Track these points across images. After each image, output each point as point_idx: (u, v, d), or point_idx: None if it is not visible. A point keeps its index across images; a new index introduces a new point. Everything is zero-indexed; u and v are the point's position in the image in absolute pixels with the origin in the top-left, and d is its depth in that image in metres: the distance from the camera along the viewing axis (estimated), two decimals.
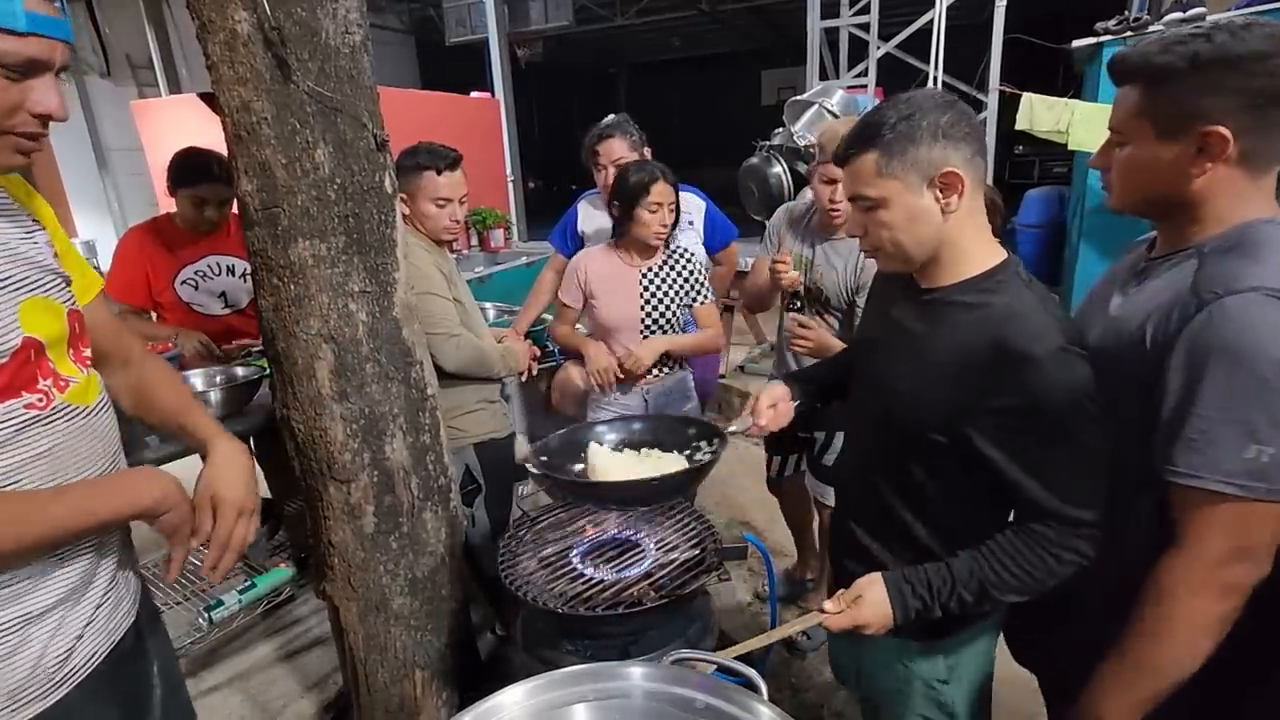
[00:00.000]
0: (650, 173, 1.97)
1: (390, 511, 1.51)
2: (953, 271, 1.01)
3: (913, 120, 0.94)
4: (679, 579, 1.33)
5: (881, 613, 1.01)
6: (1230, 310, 0.80)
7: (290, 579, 1.87)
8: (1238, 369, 0.78)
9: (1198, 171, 0.87)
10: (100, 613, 0.96)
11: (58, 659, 0.90)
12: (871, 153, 0.97)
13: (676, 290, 2.08)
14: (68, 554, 0.90)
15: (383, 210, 1.39)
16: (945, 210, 0.97)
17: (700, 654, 0.98)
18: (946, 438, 0.99)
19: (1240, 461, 0.78)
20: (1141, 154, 0.91)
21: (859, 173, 0.99)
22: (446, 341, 1.78)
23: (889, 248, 1.02)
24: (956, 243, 0.99)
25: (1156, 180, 0.91)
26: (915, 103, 0.96)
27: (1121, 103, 0.93)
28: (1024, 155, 10.91)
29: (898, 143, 0.95)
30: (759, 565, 2.59)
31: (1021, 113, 4.28)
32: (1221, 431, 0.79)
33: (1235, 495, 0.79)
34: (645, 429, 1.56)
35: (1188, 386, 0.82)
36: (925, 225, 0.98)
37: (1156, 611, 0.87)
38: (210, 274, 2.36)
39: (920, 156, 0.94)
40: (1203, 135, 0.84)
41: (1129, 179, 0.95)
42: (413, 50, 11.16)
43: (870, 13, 5.39)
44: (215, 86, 1.25)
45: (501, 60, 7.02)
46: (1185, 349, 0.83)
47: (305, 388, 1.40)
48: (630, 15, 10.50)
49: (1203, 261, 0.87)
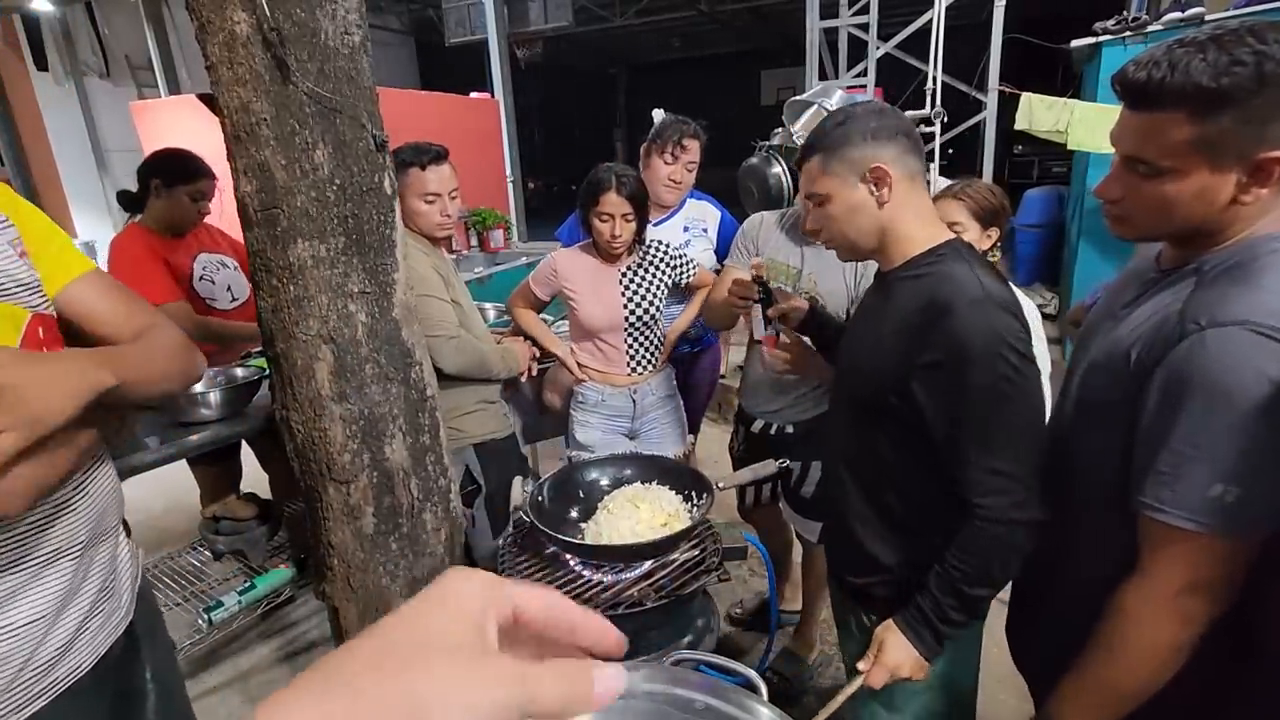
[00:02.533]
0: (603, 181, 1.87)
1: (390, 512, 1.51)
2: (900, 253, 1.13)
3: (845, 126, 1.10)
4: (679, 579, 1.33)
5: (907, 653, 1.08)
6: (1210, 345, 0.78)
7: (290, 580, 1.87)
8: (1212, 406, 0.77)
9: (1249, 199, 0.80)
10: (92, 622, 0.94)
11: (37, 671, 0.88)
12: (816, 156, 1.13)
13: (659, 283, 2.05)
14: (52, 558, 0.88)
15: (382, 211, 1.39)
16: (880, 201, 1.10)
17: (700, 654, 0.98)
18: (898, 399, 1.07)
19: (1205, 499, 0.78)
20: (1188, 187, 0.82)
21: (808, 174, 1.15)
22: (446, 344, 1.78)
23: (838, 238, 1.16)
24: (898, 229, 1.11)
25: (1197, 212, 0.84)
26: (849, 111, 1.12)
27: (1159, 132, 0.82)
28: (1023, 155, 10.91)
29: (834, 145, 1.10)
30: (759, 565, 2.59)
31: (1021, 112, 4.29)
32: (1190, 468, 0.79)
33: (1196, 531, 0.79)
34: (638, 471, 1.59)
35: (1163, 418, 0.82)
36: (864, 215, 1.11)
37: (1114, 632, 0.89)
38: (212, 269, 2.37)
39: (853, 155, 1.09)
40: (1262, 163, 0.78)
41: (1163, 212, 0.86)
42: (413, 50, 11.17)
43: (869, 13, 5.38)
44: (214, 87, 1.25)
45: (501, 61, 7.03)
46: (1164, 378, 0.82)
47: (304, 389, 1.40)
48: (630, 15, 10.50)
49: (1200, 281, 0.85)
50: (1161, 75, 0.80)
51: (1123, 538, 0.89)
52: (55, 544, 0.89)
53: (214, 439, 1.81)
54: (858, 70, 5.61)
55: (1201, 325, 0.79)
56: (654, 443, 2.12)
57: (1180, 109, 0.79)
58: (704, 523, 1.45)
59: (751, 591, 2.55)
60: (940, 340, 1.00)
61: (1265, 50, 0.75)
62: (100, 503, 0.97)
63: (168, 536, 3.04)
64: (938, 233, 1.13)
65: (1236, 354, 0.76)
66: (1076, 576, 1.02)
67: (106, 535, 0.99)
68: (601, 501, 1.49)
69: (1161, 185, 0.84)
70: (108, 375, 0.83)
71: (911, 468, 1.12)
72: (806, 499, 1.93)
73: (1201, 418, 0.78)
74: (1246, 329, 0.76)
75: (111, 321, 0.98)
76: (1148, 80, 0.81)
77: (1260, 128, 0.77)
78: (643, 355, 2.08)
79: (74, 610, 0.92)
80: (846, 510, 1.23)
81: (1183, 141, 0.80)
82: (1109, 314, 0.99)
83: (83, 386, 0.80)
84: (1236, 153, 0.79)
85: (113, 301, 0.99)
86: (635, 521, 1.40)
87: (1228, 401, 0.76)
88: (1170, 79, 0.79)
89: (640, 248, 2.04)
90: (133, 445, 1.67)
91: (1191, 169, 0.81)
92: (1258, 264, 0.81)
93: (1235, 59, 0.76)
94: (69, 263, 0.96)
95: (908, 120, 1.11)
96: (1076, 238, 4.54)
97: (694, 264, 2.14)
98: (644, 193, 1.94)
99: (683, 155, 2.28)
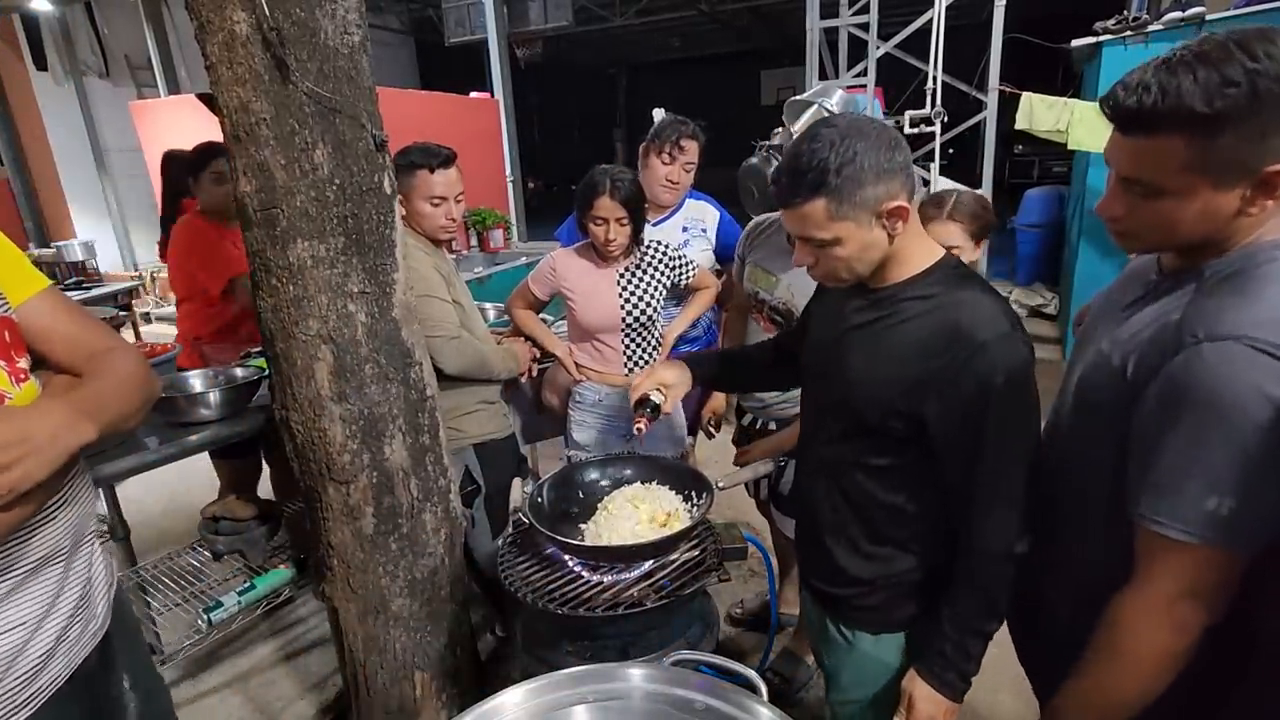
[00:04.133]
0: (597, 185, 1.87)
1: (390, 513, 1.51)
2: (899, 272, 1.08)
3: (855, 164, 0.96)
4: (679, 579, 1.33)
5: (936, 701, 1.08)
6: (1207, 360, 0.77)
7: (290, 580, 1.86)
8: (1208, 420, 0.77)
9: (1256, 211, 0.79)
10: (70, 632, 0.94)
11: (20, 680, 0.87)
12: (819, 199, 0.99)
13: (658, 284, 2.05)
14: (40, 565, 0.88)
15: (382, 211, 1.39)
16: (892, 235, 1.03)
17: (700, 655, 0.98)
18: (902, 421, 1.05)
19: (1201, 511, 0.78)
20: (1191, 206, 0.81)
21: (809, 217, 1.01)
22: (446, 344, 1.78)
23: (843, 274, 1.08)
24: (900, 253, 1.07)
25: (1201, 228, 0.83)
26: (851, 144, 0.97)
27: (1155, 156, 0.80)
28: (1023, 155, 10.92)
29: (845, 188, 0.97)
30: (759, 565, 2.59)
31: (1021, 112, 4.29)
32: (1186, 480, 0.79)
33: (1190, 542, 0.80)
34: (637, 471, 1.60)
35: (1159, 430, 0.82)
36: (876, 251, 1.05)
37: (1109, 641, 0.89)
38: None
39: (867, 196, 0.98)
40: (1268, 176, 0.76)
41: (1167, 230, 0.85)
42: (412, 50, 11.17)
43: (869, 13, 5.38)
44: (214, 87, 1.25)
45: (501, 60, 7.03)
46: (1160, 389, 0.82)
47: (304, 389, 1.40)
48: (630, 15, 10.50)
49: (1199, 289, 0.84)
50: (1153, 101, 0.77)
51: (1120, 539, 0.89)
52: (42, 551, 0.89)
53: (214, 439, 1.81)
54: (858, 70, 5.61)
55: (1199, 338, 0.79)
56: (652, 443, 2.12)
57: (1177, 134, 0.77)
58: (704, 523, 1.45)
59: (751, 591, 2.55)
60: (968, 369, 0.98)
61: (1258, 68, 0.72)
62: (82, 508, 0.97)
63: (168, 536, 3.04)
64: (932, 249, 1.09)
65: (1233, 369, 0.76)
66: (1076, 577, 1.02)
67: (85, 540, 0.99)
68: (601, 502, 1.49)
69: (1163, 204, 0.83)
70: (90, 429, 0.84)
71: (898, 483, 1.11)
72: (784, 496, 1.96)
73: (1197, 431, 0.78)
74: (1243, 343, 0.75)
75: (68, 340, 0.97)
76: (1139, 107, 0.79)
77: (1260, 144, 0.75)
78: (640, 356, 2.08)
79: (55, 617, 0.92)
80: (821, 520, 1.22)
81: (1182, 165, 0.78)
82: (1111, 313, 0.99)
83: (71, 446, 0.81)
84: (1240, 169, 0.77)
85: (69, 321, 0.98)
86: (635, 522, 1.40)
87: (1223, 416, 0.76)
88: (1162, 104, 0.77)
89: (638, 249, 2.04)
90: (133, 445, 1.67)
91: (1193, 189, 0.80)
92: (1259, 272, 0.80)
93: (1227, 79, 0.73)
94: (25, 278, 0.95)
95: (900, 136, 1.04)
96: (1076, 238, 4.54)
97: (693, 265, 2.13)
98: (640, 195, 1.94)
99: (680, 156, 2.28)
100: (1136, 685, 0.87)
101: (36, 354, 0.95)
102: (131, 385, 0.96)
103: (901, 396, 1.04)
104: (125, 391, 0.95)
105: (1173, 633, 0.83)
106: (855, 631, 1.20)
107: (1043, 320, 5.53)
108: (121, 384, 0.95)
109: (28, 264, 0.96)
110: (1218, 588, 0.81)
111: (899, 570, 1.14)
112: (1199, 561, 0.81)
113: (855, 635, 1.20)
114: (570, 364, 2.11)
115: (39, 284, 0.96)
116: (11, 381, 0.88)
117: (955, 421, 1.00)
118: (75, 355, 0.96)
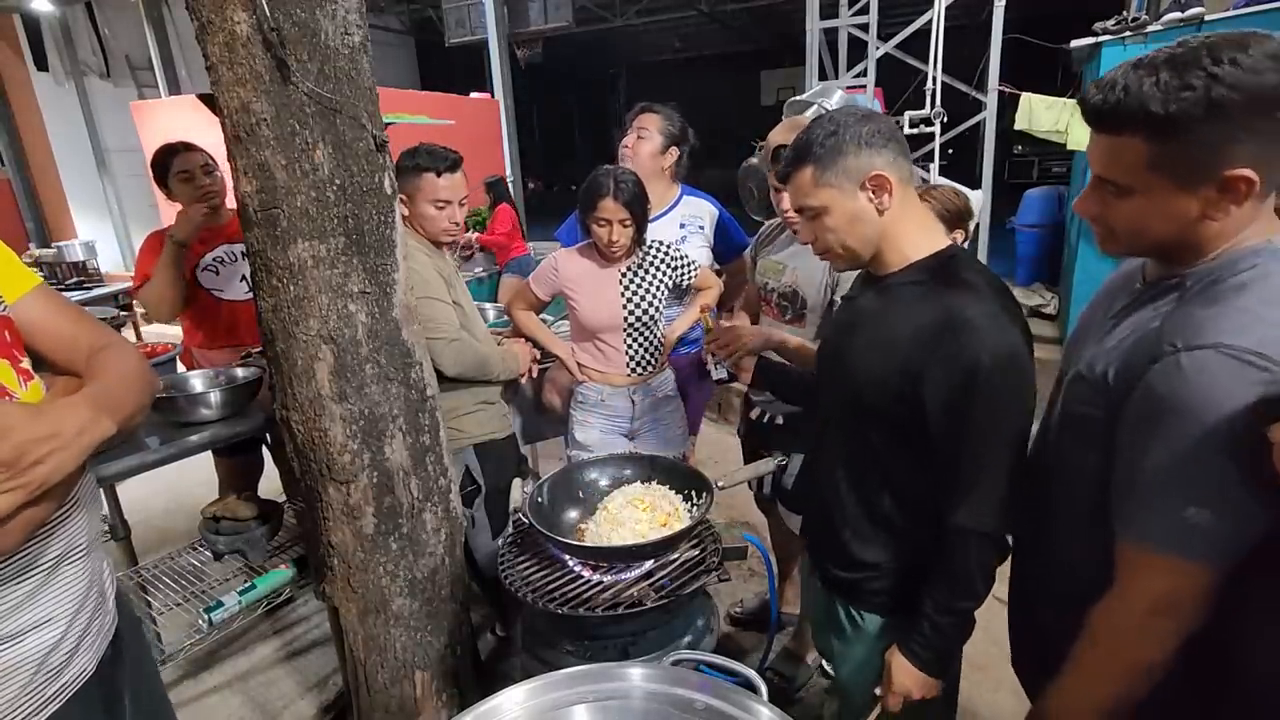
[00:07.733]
0: (600, 186, 1.89)
1: (390, 512, 1.51)
2: (900, 258, 1.12)
3: (838, 135, 1.07)
4: (679, 579, 1.33)
5: (911, 674, 1.12)
6: (1186, 369, 0.77)
7: (290, 580, 1.86)
8: (1185, 430, 0.77)
9: (1221, 214, 0.80)
10: (91, 628, 0.95)
11: (48, 676, 0.88)
12: (807, 168, 1.10)
13: (659, 284, 2.05)
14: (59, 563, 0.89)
15: (382, 211, 1.39)
16: (879, 209, 1.08)
17: (700, 655, 0.99)
18: (905, 405, 1.07)
19: (1177, 523, 0.78)
20: (1155, 206, 0.82)
21: (799, 186, 1.12)
22: (447, 346, 1.78)
23: (838, 249, 1.14)
24: (898, 234, 1.11)
25: (1171, 228, 0.83)
26: (837, 120, 1.09)
27: (1120, 155, 0.82)
28: (1023, 155, 10.94)
29: (828, 156, 1.07)
30: (759, 565, 2.59)
31: (1020, 112, 4.30)
32: (1162, 492, 0.79)
33: (1165, 554, 0.80)
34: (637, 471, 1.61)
35: (1138, 439, 0.82)
36: (865, 224, 1.10)
37: (1087, 650, 0.90)
38: (228, 259, 2.38)
39: (849, 164, 1.07)
40: (1228, 181, 0.77)
41: (1138, 229, 0.86)
42: (413, 51, 11.18)
43: (869, 13, 5.39)
44: (215, 88, 1.25)
45: (501, 61, 7.03)
46: (1140, 399, 0.82)
47: (305, 389, 1.40)
48: (630, 15, 10.51)
49: (1182, 296, 0.84)
50: (1116, 99, 0.79)
51: (1107, 547, 0.89)
52: (60, 548, 0.90)
53: (214, 439, 1.81)
54: (858, 70, 5.61)
55: (1177, 347, 0.78)
56: (653, 444, 2.12)
57: (1135, 133, 0.79)
58: (704, 523, 1.45)
59: (751, 591, 2.55)
60: (956, 348, 1.00)
61: (1217, 73, 0.73)
62: (93, 507, 0.99)
63: (168, 536, 3.04)
64: (937, 238, 1.13)
65: (1211, 378, 0.75)
66: (1065, 583, 1.02)
67: (96, 538, 1.01)
68: (601, 502, 1.49)
69: (1132, 203, 0.84)
70: (111, 425, 0.86)
71: (908, 468, 1.13)
72: (787, 490, 1.96)
73: (1175, 441, 0.78)
74: (1220, 352, 0.75)
75: (62, 337, 0.97)
76: (1103, 103, 0.81)
77: (1214, 150, 0.76)
78: (642, 356, 2.08)
79: (83, 614, 0.93)
80: (834, 506, 1.23)
81: (1145, 164, 0.80)
82: (1098, 322, 0.99)
83: (95, 440, 0.84)
84: (1200, 171, 0.78)
85: (63, 317, 0.98)
86: (635, 521, 1.40)
87: (1201, 426, 0.76)
88: (1123, 103, 0.79)
89: (640, 249, 2.04)
90: (133, 445, 1.67)
91: (1153, 188, 0.81)
92: (1237, 280, 0.80)
93: (1185, 83, 0.75)
94: (16, 276, 0.95)
95: (894, 124, 1.10)
96: (1076, 238, 4.54)
97: (695, 265, 2.14)
98: (643, 196, 1.94)
99: (637, 125, 2.30)
100: (1112, 693, 0.88)
101: (32, 352, 0.95)
102: (137, 382, 0.98)
103: (899, 379, 1.06)
104: (134, 388, 0.96)
105: (1148, 644, 0.84)
106: (866, 615, 1.22)
107: (1042, 320, 5.53)
108: (129, 381, 0.96)
109: (18, 262, 0.97)
110: (1193, 600, 0.81)
111: (910, 553, 1.15)
112: (1175, 574, 0.80)
113: (866, 618, 1.22)
114: (573, 364, 2.11)
115: (31, 281, 0.97)
116: (18, 380, 0.89)
117: (942, 401, 1.02)
118: (71, 352, 0.97)
